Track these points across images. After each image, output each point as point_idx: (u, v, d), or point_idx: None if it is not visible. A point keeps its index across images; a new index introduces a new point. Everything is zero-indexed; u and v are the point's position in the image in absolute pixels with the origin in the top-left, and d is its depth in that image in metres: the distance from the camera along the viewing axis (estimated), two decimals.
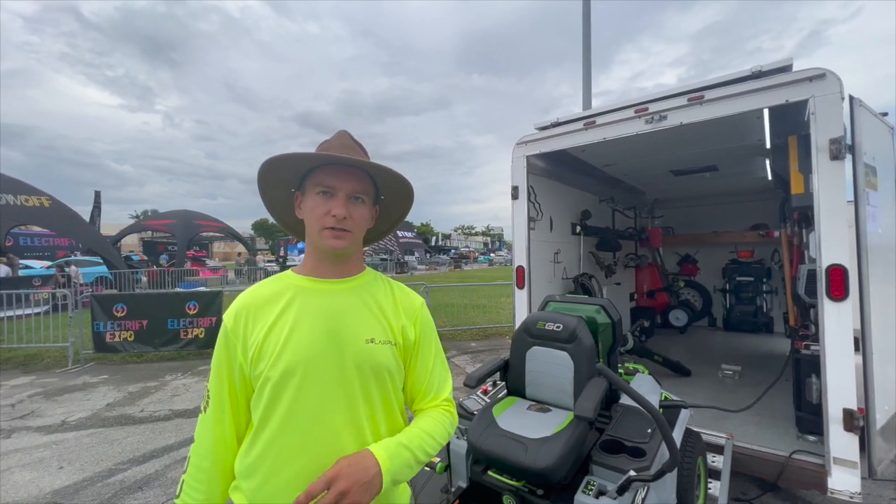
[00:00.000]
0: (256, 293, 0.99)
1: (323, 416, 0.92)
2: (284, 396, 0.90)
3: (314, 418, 0.91)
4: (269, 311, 0.95)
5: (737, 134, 3.48)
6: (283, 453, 0.90)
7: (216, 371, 0.97)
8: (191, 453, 0.97)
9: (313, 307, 0.97)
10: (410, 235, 44.90)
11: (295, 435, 0.90)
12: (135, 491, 2.99)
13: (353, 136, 1.05)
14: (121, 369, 6.15)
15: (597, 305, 2.42)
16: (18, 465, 3.37)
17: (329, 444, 0.91)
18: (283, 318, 0.94)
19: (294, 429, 0.91)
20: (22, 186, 11.49)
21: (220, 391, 0.96)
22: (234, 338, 0.94)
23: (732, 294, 6.39)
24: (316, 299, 0.98)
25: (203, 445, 0.95)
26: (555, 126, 3.38)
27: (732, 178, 5.27)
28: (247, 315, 0.95)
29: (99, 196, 20.72)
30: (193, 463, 0.96)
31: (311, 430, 0.91)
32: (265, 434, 0.92)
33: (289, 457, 0.90)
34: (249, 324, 0.94)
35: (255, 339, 0.93)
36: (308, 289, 0.99)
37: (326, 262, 1.01)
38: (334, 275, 1.02)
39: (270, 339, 0.92)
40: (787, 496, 2.74)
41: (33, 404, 4.76)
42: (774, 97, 2.40)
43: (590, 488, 1.65)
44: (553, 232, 4.29)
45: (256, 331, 0.94)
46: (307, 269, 1.03)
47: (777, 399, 3.22)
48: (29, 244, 19.12)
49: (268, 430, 0.91)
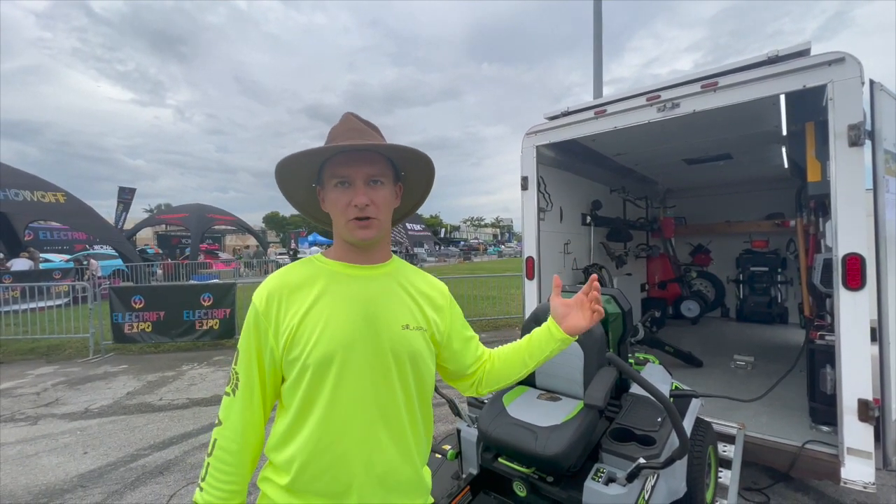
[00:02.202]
0: (288, 276, 0.97)
1: (363, 402, 0.93)
2: (326, 382, 0.90)
3: (355, 404, 0.92)
4: (303, 295, 0.94)
5: (752, 121, 3.41)
6: (323, 438, 0.90)
7: (245, 353, 0.94)
8: (216, 436, 0.94)
9: (350, 293, 0.96)
10: (419, 228, 44.93)
11: (336, 421, 0.91)
12: (156, 475, 3.10)
13: (359, 116, 1.02)
14: (139, 359, 6.32)
15: (607, 295, 2.42)
16: (45, 450, 3.51)
17: (368, 429, 0.93)
18: (319, 303, 0.93)
19: (336, 414, 0.91)
20: (38, 183, 11.76)
21: (249, 373, 0.94)
22: (266, 320, 0.92)
23: (746, 284, 6.30)
24: (352, 285, 0.97)
25: (231, 428, 0.93)
26: (565, 115, 3.34)
27: (747, 167, 5.17)
28: (279, 298, 0.93)
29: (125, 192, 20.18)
30: (220, 445, 0.93)
31: (351, 416, 0.92)
32: (309, 419, 0.91)
33: (329, 442, 0.90)
34: (283, 307, 0.93)
35: (290, 324, 0.91)
36: (343, 274, 0.98)
37: (357, 250, 1.00)
38: (366, 261, 1.01)
39: (307, 325, 0.91)
40: (799, 486, 2.73)
41: (57, 392, 4.93)
42: (791, 82, 2.34)
43: (599, 475, 1.67)
44: (563, 222, 4.27)
45: (290, 315, 0.92)
46: (338, 255, 1.01)
47: (790, 390, 3.20)
48: (48, 238, 19.60)
49: (311, 416, 0.91)
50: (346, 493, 0.91)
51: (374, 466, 0.93)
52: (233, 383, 0.95)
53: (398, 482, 0.96)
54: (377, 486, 0.93)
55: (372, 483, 0.93)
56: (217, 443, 0.94)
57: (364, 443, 0.92)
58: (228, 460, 0.92)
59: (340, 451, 0.91)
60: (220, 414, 0.95)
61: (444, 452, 2.23)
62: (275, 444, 0.95)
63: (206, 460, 0.94)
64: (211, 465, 0.93)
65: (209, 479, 0.92)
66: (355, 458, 0.91)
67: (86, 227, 13.26)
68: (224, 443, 0.93)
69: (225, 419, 0.94)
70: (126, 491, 2.91)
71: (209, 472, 0.93)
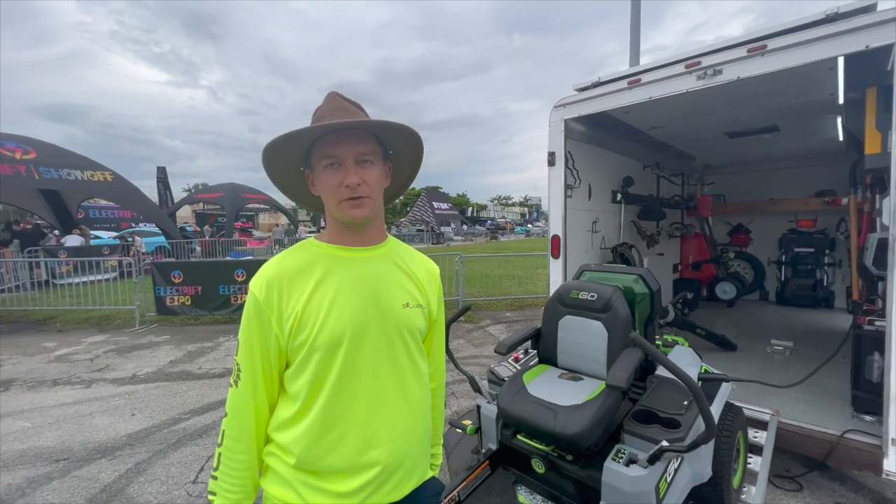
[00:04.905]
0: (285, 263, 0.98)
1: (372, 380, 0.96)
2: (335, 363, 0.92)
3: (365, 382, 0.95)
4: (303, 281, 0.95)
5: (804, 88, 3.13)
6: (332, 415, 0.93)
7: (246, 344, 0.94)
8: (225, 427, 0.96)
9: (352, 275, 0.97)
10: (446, 207, 44.81)
11: (346, 399, 0.94)
12: (195, 438, 3.31)
13: (343, 95, 1.01)
14: (180, 330, 6.70)
15: (635, 275, 2.33)
16: (98, 411, 3.81)
17: (379, 405, 0.97)
18: (321, 287, 0.94)
19: (345, 394, 0.94)
20: (88, 163, 12.40)
21: (252, 364, 0.94)
22: (268, 309, 0.93)
23: (789, 266, 5.93)
24: (353, 267, 0.98)
25: (240, 419, 0.95)
26: (595, 86, 3.17)
27: (796, 140, 4.79)
28: (280, 286, 0.94)
29: (160, 171, 21.70)
30: (230, 436, 0.95)
31: (361, 394, 0.95)
32: (318, 400, 0.93)
33: (338, 418, 0.93)
34: (284, 294, 0.93)
35: (294, 310, 0.92)
36: (341, 257, 0.99)
37: (351, 231, 1.00)
38: (362, 242, 1.02)
39: (311, 309, 0.92)
40: (836, 476, 2.61)
41: (108, 359, 5.31)
42: (852, 43, 2.11)
43: (620, 456, 1.64)
44: (592, 200, 4.12)
45: (293, 301, 0.93)
46: (333, 238, 1.01)
47: (831, 377, 3.03)
48: (97, 216, 20.83)
49: (320, 397, 0.93)
50: (354, 469, 0.94)
51: (384, 442, 0.96)
52: (235, 374, 0.96)
53: (407, 455, 1.00)
54: (390, 460, 0.96)
55: (384, 457, 0.95)
56: (226, 433, 0.96)
57: (375, 417, 0.95)
58: (240, 448, 0.95)
59: (347, 429, 0.94)
60: (226, 406, 0.97)
61: (464, 427, 2.26)
62: (279, 425, 0.97)
63: (218, 450, 0.96)
64: (223, 455, 0.95)
65: (223, 468, 0.95)
66: (366, 434, 0.94)
67: (132, 206, 13.95)
68: (233, 433, 0.95)
69: (231, 410, 0.96)
70: (169, 451, 3.13)
71: (222, 461, 0.95)
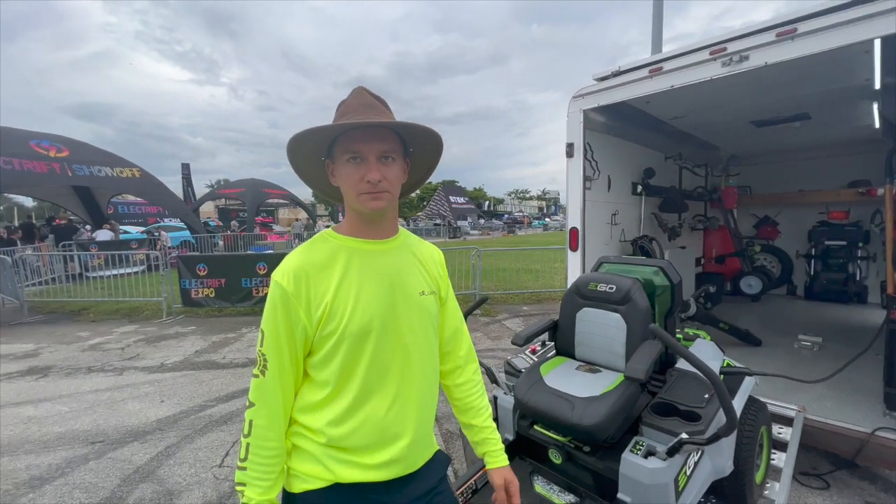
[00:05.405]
0: (310, 256, 1.00)
1: (398, 364, 1.02)
2: (365, 351, 0.97)
3: (392, 367, 1.01)
4: (329, 272, 0.98)
5: (837, 73, 2.99)
6: (362, 398, 0.98)
7: (273, 334, 0.95)
8: (252, 417, 0.95)
9: (374, 266, 1.02)
10: (463, 201, 44.66)
11: (375, 383, 0.99)
12: (221, 424, 3.43)
13: (370, 91, 1.02)
14: (205, 322, 6.91)
15: (655, 267, 2.29)
16: (130, 398, 3.98)
17: (404, 386, 1.03)
18: (347, 277, 0.98)
19: (374, 378, 0.99)
20: (116, 159, 12.86)
21: (279, 354, 0.95)
22: (296, 300, 0.94)
23: (819, 260, 5.70)
24: (374, 259, 1.03)
25: (269, 407, 0.95)
26: (615, 76, 3.10)
27: (827, 128, 4.59)
28: (307, 277, 0.96)
29: (184, 167, 22.44)
30: (260, 425, 0.95)
31: (390, 378, 1.01)
32: (348, 385, 0.98)
33: (367, 401, 0.99)
34: (311, 285, 0.96)
35: (323, 300, 0.95)
36: (361, 250, 1.03)
37: (369, 223, 1.04)
38: (378, 235, 1.05)
39: (340, 299, 0.96)
40: (865, 474, 2.53)
41: (138, 348, 5.54)
42: (889, 24, 2.01)
43: (638, 448, 1.64)
44: (611, 192, 4.05)
45: (321, 291, 0.96)
46: (351, 230, 1.04)
47: (861, 373, 2.92)
48: (125, 212, 21.60)
49: (350, 382, 0.98)
50: (383, 443, 1.00)
51: (409, 417, 1.03)
52: (261, 365, 0.96)
53: (425, 433, 1.09)
54: (414, 435, 1.04)
55: (409, 432, 1.03)
56: (254, 423, 0.95)
57: (406, 400, 1.03)
58: (271, 436, 0.95)
59: (375, 409, 1.00)
60: (251, 396, 0.96)
61: None
62: (307, 408, 1.00)
63: (244, 441, 0.95)
64: (252, 444, 0.94)
65: (252, 457, 0.94)
66: (391, 413, 1.01)
67: (159, 201, 14.41)
68: (262, 422, 0.95)
69: (258, 400, 0.95)
70: (196, 436, 3.25)
71: (251, 451, 0.94)
